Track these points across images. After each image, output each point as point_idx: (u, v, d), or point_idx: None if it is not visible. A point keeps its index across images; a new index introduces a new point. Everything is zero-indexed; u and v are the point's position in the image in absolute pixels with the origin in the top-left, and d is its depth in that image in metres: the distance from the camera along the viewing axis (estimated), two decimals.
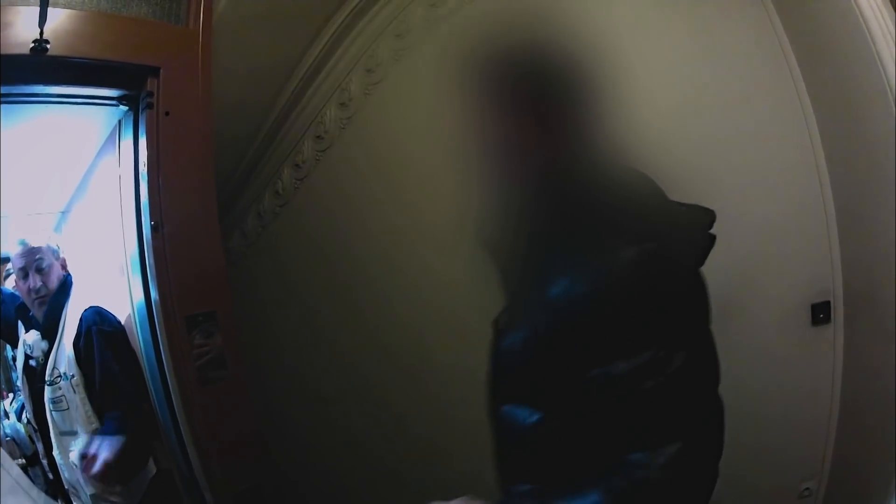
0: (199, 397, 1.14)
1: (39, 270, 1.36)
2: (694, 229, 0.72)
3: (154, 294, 1.16)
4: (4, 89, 1.20)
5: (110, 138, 1.43)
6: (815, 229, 1.38)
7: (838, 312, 1.37)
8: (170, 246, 1.15)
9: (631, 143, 0.80)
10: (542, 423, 0.72)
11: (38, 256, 1.37)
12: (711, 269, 1.42)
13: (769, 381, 1.39)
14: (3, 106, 1.30)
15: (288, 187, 2.18)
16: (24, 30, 1.07)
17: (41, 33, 1.08)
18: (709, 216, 0.73)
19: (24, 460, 1.58)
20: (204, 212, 1.19)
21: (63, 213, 1.80)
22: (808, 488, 1.42)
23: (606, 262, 0.66)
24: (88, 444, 1.24)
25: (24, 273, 1.37)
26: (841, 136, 1.31)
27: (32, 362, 1.37)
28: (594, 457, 0.66)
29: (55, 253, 1.41)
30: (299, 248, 2.17)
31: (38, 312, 1.38)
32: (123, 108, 1.29)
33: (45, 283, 1.36)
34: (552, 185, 0.75)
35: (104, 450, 1.20)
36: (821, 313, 1.38)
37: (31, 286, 1.36)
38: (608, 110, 0.77)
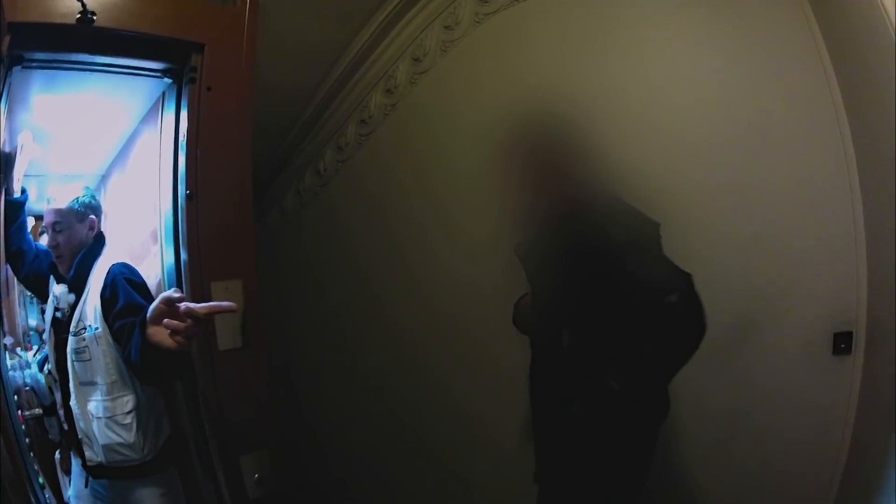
0: (218, 362, 1.17)
1: (56, 230, 1.40)
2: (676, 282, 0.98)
3: (184, 258, 1.20)
4: (52, 55, 1.25)
5: (153, 108, 1.48)
6: (843, 254, 1.32)
7: (860, 343, 1.31)
8: (203, 215, 1.18)
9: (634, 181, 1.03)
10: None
11: (57, 219, 1.40)
12: (736, 292, 1.41)
13: (783, 407, 1.37)
14: (50, 72, 1.34)
15: (329, 168, 2.19)
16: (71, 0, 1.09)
17: (83, 5, 1.11)
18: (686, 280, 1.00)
19: (41, 410, 1.63)
20: (239, 185, 1.22)
21: (102, 176, 1.86)
22: None
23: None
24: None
25: (45, 230, 1.43)
26: (877, 157, 1.24)
27: (58, 314, 1.40)
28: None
29: (79, 214, 1.43)
30: (334, 229, 2.18)
31: (61, 268, 1.42)
32: (167, 80, 1.32)
33: (59, 243, 1.40)
34: (556, 229, 1.03)
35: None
36: (842, 343, 1.33)
37: (49, 243, 1.41)
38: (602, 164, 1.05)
